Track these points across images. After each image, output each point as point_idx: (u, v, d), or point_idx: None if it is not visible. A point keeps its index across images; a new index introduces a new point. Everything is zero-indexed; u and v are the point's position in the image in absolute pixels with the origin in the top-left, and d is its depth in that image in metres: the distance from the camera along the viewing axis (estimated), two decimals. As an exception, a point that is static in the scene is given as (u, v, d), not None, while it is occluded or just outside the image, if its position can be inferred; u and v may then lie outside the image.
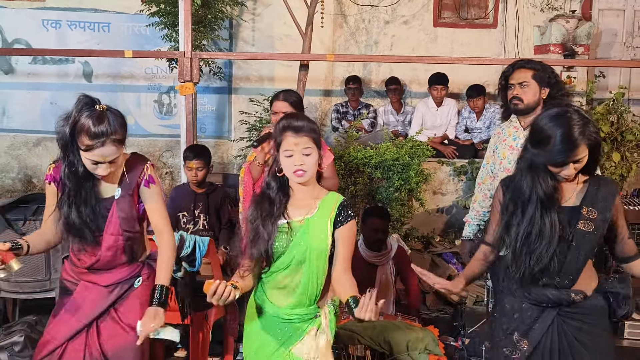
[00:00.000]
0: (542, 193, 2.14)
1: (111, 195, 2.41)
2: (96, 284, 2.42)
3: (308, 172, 2.23)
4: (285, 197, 2.29)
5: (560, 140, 2.05)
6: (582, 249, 2.14)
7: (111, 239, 2.39)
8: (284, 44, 6.65)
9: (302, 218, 2.25)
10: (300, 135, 2.22)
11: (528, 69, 3.17)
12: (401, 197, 5.08)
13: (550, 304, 2.17)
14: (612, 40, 6.93)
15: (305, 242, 2.22)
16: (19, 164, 6.77)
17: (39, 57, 6.72)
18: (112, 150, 2.26)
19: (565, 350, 2.16)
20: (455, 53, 6.69)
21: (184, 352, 4.06)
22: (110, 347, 2.39)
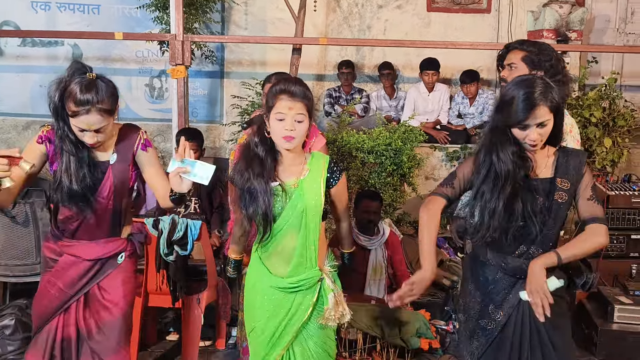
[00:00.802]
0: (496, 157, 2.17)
1: (106, 160, 2.39)
2: (79, 257, 2.41)
3: (297, 139, 2.22)
4: (273, 160, 2.27)
5: (522, 99, 2.10)
6: (557, 220, 2.20)
7: (101, 203, 2.37)
8: (276, 28, 6.59)
9: (295, 181, 2.27)
10: (296, 100, 2.20)
11: (520, 50, 3.11)
12: (393, 182, 5.08)
13: (523, 276, 2.19)
14: (605, 26, 6.93)
15: (301, 203, 2.24)
16: (8, 148, 6.69)
17: (28, 40, 6.63)
18: (98, 119, 2.24)
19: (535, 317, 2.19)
20: (448, 38, 6.66)
21: (176, 336, 4.06)
22: (93, 323, 2.41)
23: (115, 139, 2.41)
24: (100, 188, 2.36)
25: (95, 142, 2.29)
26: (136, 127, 2.50)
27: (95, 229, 2.41)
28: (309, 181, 2.27)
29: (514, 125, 2.14)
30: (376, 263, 4.38)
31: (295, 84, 2.24)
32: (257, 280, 2.36)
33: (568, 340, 2.30)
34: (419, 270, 2.25)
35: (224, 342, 3.97)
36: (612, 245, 4.38)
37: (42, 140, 2.36)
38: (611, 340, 3.83)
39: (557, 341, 2.23)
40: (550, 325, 2.21)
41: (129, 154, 2.41)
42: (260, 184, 2.21)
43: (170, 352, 3.89)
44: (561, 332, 2.26)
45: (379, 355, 3.79)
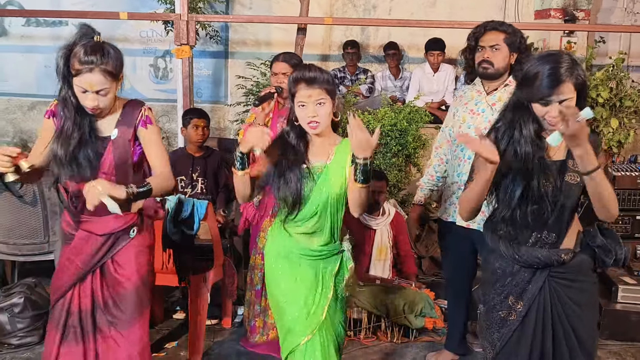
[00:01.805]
0: (518, 133, 2.14)
1: (107, 135, 2.40)
2: (92, 233, 2.45)
3: (322, 124, 2.28)
4: (304, 144, 2.35)
5: (547, 74, 2.04)
6: (568, 201, 2.16)
7: (104, 177, 2.37)
8: (281, 7, 6.55)
9: (322, 165, 2.33)
10: (314, 87, 2.25)
11: (500, 31, 3.07)
12: (399, 163, 5.07)
13: (540, 265, 2.18)
14: (612, 5, 6.85)
15: (326, 188, 2.31)
16: (14, 128, 6.72)
17: (33, 19, 6.62)
18: (100, 80, 2.26)
19: (557, 307, 2.19)
20: (454, 18, 6.59)
21: (182, 315, 4.11)
22: (109, 296, 2.46)
23: (119, 115, 2.42)
24: (101, 163, 2.39)
25: (95, 105, 2.29)
26: (140, 103, 2.50)
27: (102, 206, 2.39)
28: (334, 166, 2.32)
29: (536, 101, 2.08)
30: (381, 243, 4.40)
31: (310, 71, 2.28)
32: (281, 249, 2.40)
33: (592, 332, 2.25)
34: None
35: (230, 320, 4.01)
36: (617, 225, 4.38)
37: (49, 115, 2.40)
38: (615, 320, 3.85)
39: (581, 334, 2.19)
40: (575, 316, 2.18)
41: (130, 130, 2.42)
42: (293, 170, 2.29)
43: (177, 330, 3.94)
44: (586, 323, 2.21)
45: (383, 334, 3.83)
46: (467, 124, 3.18)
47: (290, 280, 2.36)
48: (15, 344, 3.58)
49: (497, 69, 3.08)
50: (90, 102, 2.28)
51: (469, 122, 3.18)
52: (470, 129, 3.14)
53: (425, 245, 5.21)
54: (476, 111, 3.17)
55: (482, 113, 3.15)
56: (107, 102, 2.33)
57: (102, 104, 2.32)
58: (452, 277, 3.47)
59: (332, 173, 2.31)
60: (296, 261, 2.36)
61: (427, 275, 5.06)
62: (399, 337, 3.79)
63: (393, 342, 3.78)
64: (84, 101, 2.29)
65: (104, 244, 2.45)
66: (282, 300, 2.38)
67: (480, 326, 2.42)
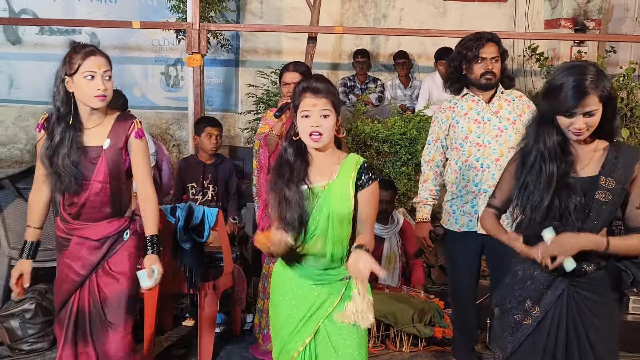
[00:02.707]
0: (543, 145, 2.12)
1: (99, 145, 2.51)
2: (87, 238, 2.54)
3: (324, 136, 2.17)
4: (303, 162, 2.24)
5: (572, 86, 2.01)
6: (599, 219, 2.10)
7: (98, 186, 2.50)
8: (292, 16, 6.59)
9: (325, 183, 2.21)
10: (319, 96, 2.17)
11: (495, 42, 3.18)
12: (408, 172, 5.08)
13: (562, 273, 2.14)
14: (623, 15, 6.83)
15: (327, 207, 2.19)
16: (27, 135, 6.78)
17: (46, 28, 6.70)
18: (104, 62, 2.45)
19: (574, 317, 2.16)
20: (464, 27, 6.59)
21: (191, 322, 4.12)
22: (104, 296, 2.56)
23: (111, 127, 2.54)
24: (95, 172, 2.49)
25: (104, 90, 2.43)
26: (131, 115, 2.64)
27: (98, 211, 2.54)
28: (337, 184, 2.21)
29: (561, 113, 2.06)
30: (390, 252, 4.40)
31: (317, 81, 2.22)
32: (287, 270, 2.32)
33: (611, 347, 2.21)
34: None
35: (239, 328, 4.02)
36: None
37: (40, 128, 2.53)
38: (626, 331, 3.81)
39: (599, 348, 2.15)
40: (593, 328, 2.15)
41: (121, 139, 2.53)
42: (291, 189, 2.19)
43: (186, 337, 3.95)
44: (605, 337, 2.17)
45: (392, 343, 3.82)
46: (475, 134, 3.20)
47: (295, 294, 2.29)
48: (26, 349, 3.60)
49: (497, 79, 3.20)
50: (101, 84, 2.42)
51: (476, 132, 3.19)
52: (480, 138, 3.18)
53: (435, 254, 5.20)
54: (481, 120, 3.19)
55: (488, 122, 3.19)
56: (111, 90, 2.48)
57: (109, 91, 2.47)
58: (457, 287, 3.45)
59: (334, 192, 2.20)
60: (305, 281, 2.27)
61: (436, 284, 5.04)
62: (407, 346, 3.79)
63: (402, 351, 3.77)
64: (92, 89, 2.42)
65: (100, 248, 2.56)
66: (284, 310, 2.31)
67: (494, 330, 2.40)
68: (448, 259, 3.53)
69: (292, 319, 2.27)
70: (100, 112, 2.52)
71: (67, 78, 2.44)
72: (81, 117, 2.50)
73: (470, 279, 3.36)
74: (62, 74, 2.45)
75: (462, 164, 3.26)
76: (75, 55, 2.43)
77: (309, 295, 2.26)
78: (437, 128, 3.36)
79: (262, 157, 3.46)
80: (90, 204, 2.52)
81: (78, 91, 2.44)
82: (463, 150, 3.23)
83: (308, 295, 2.26)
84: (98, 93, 2.42)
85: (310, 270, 2.27)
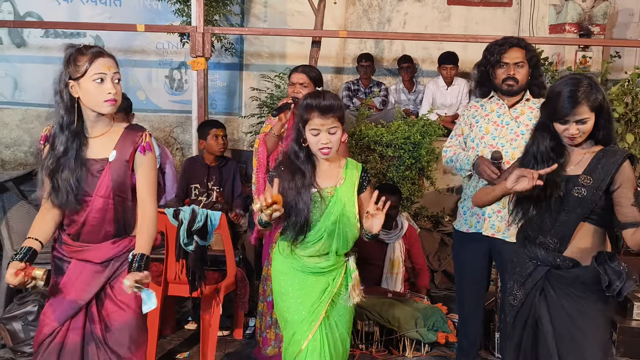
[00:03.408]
0: (536, 148, 2.38)
1: (105, 157, 2.32)
2: (89, 261, 2.33)
3: (333, 150, 2.38)
4: (312, 167, 2.41)
5: (566, 97, 2.26)
6: (572, 212, 2.30)
7: (100, 202, 2.30)
8: (296, 20, 6.60)
9: (332, 188, 2.41)
10: (327, 116, 2.33)
11: (521, 47, 3.14)
12: (412, 176, 5.06)
13: (539, 262, 2.38)
14: (628, 20, 6.82)
15: (336, 211, 2.38)
16: (31, 138, 6.80)
17: (51, 31, 6.71)
18: (112, 63, 2.27)
19: (546, 307, 2.36)
20: (468, 31, 6.61)
21: (194, 325, 4.11)
22: (107, 324, 2.34)
23: (118, 137, 2.35)
24: (97, 186, 2.30)
25: (115, 93, 2.25)
26: (141, 128, 2.43)
27: (100, 230, 2.33)
28: (345, 190, 2.42)
29: (557, 120, 2.31)
30: (394, 257, 4.39)
31: (324, 99, 2.35)
32: (286, 266, 2.47)
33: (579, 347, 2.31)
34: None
35: (241, 332, 4.01)
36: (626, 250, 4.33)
37: (44, 142, 2.35)
38: (630, 337, 3.80)
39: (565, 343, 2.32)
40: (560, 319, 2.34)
41: (128, 152, 2.33)
42: (305, 194, 2.35)
43: (188, 341, 3.94)
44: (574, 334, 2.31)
45: (395, 347, 3.81)
46: (491, 135, 3.21)
47: (297, 289, 2.44)
48: (29, 352, 3.60)
49: (520, 85, 3.16)
50: (112, 87, 2.24)
51: (493, 134, 3.20)
52: (495, 140, 3.18)
53: (438, 259, 5.19)
54: (500, 123, 3.20)
55: (506, 126, 3.19)
56: (120, 94, 2.30)
57: (119, 95, 2.28)
58: (465, 290, 3.43)
59: (342, 196, 2.41)
60: (304, 276, 2.44)
61: (439, 289, 5.03)
62: (410, 351, 3.77)
63: (405, 356, 3.76)
64: (102, 93, 2.23)
65: (102, 272, 2.33)
66: (290, 306, 2.43)
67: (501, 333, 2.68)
68: (456, 260, 3.52)
69: (304, 306, 2.42)
70: (106, 120, 2.33)
71: (72, 82, 2.24)
72: (86, 125, 2.31)
73: (478, 282, 3.35)
74: (65, 78, 2.25)
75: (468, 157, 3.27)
76: (82, 57, 2.23)
77: (316, 284, 2.43)
78: (462, 124, 3.40)
79: (260, 155, 3.47)
80: (91, 221, 2.31)
81: (85, 96, 2.24)
82: (477, 151, 3.23)
83: (315, 284, 2.43)
84: (109, 97, 2.24)
85: (311, 265, 2.44)
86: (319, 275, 2.44)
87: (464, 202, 3.37)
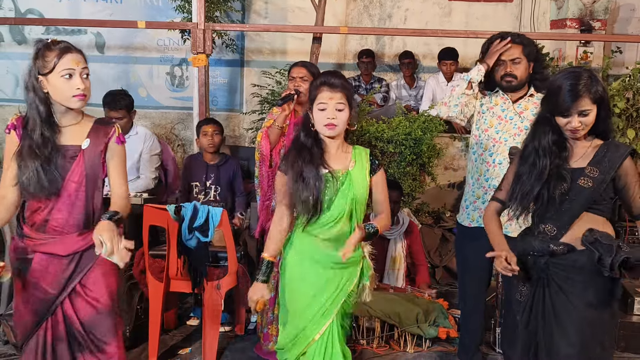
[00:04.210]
0: (538, 143, 2.38)
1: (77, 144, 2.36)
2: (54, 254, 2.33)
3: (339, 127, 2.39)
4: (320, 149, 2.44)
5: (567, 90, 2.27)
6: (576, 202, 2.33)
7: (73, 187, 2.33)
8: (296, 17, 6.59)
9: (345, 170, 2.43)
10: (336, 90, 2.38)
11: (518, 44, 3.14)
12: (413, 172, 5.07)
13: (536, 253, 2.39)
14: (629, 15, 6.81)
15: (352, 192, 2.41)
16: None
17: (52, 28, 6.71)
18: (80, 58, 2.29)
19: (549, 295, 2.37)
20: (469, 27, 6.60)
21: (196, 321, 4.12)
22: (82, 318, 2.38)
23: (90, 128, 2.40)
24: (71, 171, 2.33)
25: (84, 88, 2.28)
26: (112, 121, 2.51)
27: (67, 220, 2.34)
28: (357, 172, 2.44)
29: (558, 113, 2.32)
30: (395, 253, 4.40)
31: (334, 77, 2.42)
32: (304, 257, 2.46)
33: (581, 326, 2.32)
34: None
35: (243, 327, 4.02)
36: (632, 237, 4.34)
37: (10, 129, 2.35)
38: (631, 332, 3.81)
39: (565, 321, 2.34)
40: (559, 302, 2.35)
41: (101, 142, 2.38)
42: (311, 171, 2.37)
43: (190, 336, 3.96)
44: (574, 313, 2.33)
45: (396, 343, 3.82)
46: (494, 129, 3.22)
47: (318, 276, 2.43)
48: (31, 348, 3.62)
49: (520, 81, 3.17)
50: (80, 83, 2.27)
51: (497, 128, 3.22)
52: (499, 134, 3.21)
53: (439, 255, 5.20)
54: (504, 118, 3.22)
55: (510, 120, 3.21)
56: (89, 89, 2.32)
57: (88, 90, 2.31)
58: (467, 284, 3.45)
59: (355, 178, 2.43)
60: (325, 265, 2.43)
61: (440, 284, 5.04)
62: (412, 346, 3.78)
63: (406, 352, 3.77)
64: (70, 89, 2.26)
65: (68, 265, 2.34)
66: (308, 293, 2.43)
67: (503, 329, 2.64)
68: (458, 254, 3.53)
69: (316, 304, 2.42)
70: (76, 111, 2.37)
71: (42, 77, 2.26)
72: (55, 115, 2.34)
73: (480, 276, 3.36)
74: (35, 73, 2.27)
75: (478, 157, 3.30)
76: (50, 53, 2.25)
77: (333, 278, 2.43)
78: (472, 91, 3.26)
79: (263, 148, 3.47)
80: (59, 207, 2.32)
81: (54, 91, 2.28)
82: (481, 143, 3.26)
83: (332, 278, 2.43)
84: (77, 92, 2.27)
85: (328, 256, 2.42)
86: (337, 269, 2.43)
87: (465, 196, 3.38)
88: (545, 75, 3.21)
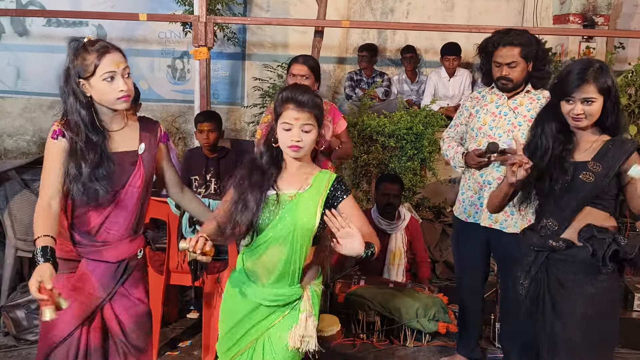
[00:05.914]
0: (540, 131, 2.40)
1: (133, 150, 2.32)
2: (103, 261, 2.28)
3: (304, 149, 2.13)
4: (276, 169, 2.19)
5: (575, 75, 2.28)
6: (577, 197, 2.32)
7: (134, 193, 2.29)
8: (298, 10, 6.57)
9: (294, 193, 2.16)
10: (303, 110, 2.10)
11: (515, 45, 3.08)
12: (414, 167, 5.07)
13: (536, 248, 2.41)
14: (632, 11, 6.78)
15: (291, 217, 2.13)
16: (33, 127, 6.80)
17: (53, 20, 6.70)
18: (122, 58, 2.20)
19: (549, 290, 2.38)
20: (472, 22, 6.58)
21: (196, 314, 4.13)
22: (125, 320, 2.33)
23: (139, 131, 2.36)
24: (132, 177, 2.28)
25: (127, 90, 2.20)
26: (155, 120, 2.49)
27: (123, 226, 2.30)
28: (307, 197, 2.16)
29: (563, 98, 2.31)
30: (395, 248, 4.40)
31: (302, 93, 2.13)
32: (240, 287, 2.27)
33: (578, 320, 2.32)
34: None
35: (243, 321, 4.03)
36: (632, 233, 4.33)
37: (58, 135, 2.21)
38: (631, 328, 3.81)
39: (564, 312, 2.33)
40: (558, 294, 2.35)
41: (154, 145, 2.38)
42: (254, 194, 2.13)
43: (190, 329, 3.97)
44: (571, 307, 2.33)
45: (396, 337, 3.82)
46: (488, 125, 3.22)
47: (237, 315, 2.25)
48: (32, 339, 3.62)
49: (516, 83, 3.16)
50: (123, 84, 2.18)
51: (490, 124, 3.21)
52: (492, 130, 3.19)
53: (440, 250, 5.20)
54: (498, 114, 3.20)
55: (504, 116, 3.19)
56: (132, 88, 2.25)
57: (131, 89, 2.23)
58: (465, 278, 3.46)
59: (302, 203, 2.15)
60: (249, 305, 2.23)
61: (441, 279, 5.04)
62: (411, 341, 3.79)
63: (405, 346, 3.77)
64: (114, 91, 2.18)
65: (117, 269, 2.31)
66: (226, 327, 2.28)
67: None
68: (455, 249, 3.53)
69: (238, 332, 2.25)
70: (121, 113, 2.30)
71: (83, 81, 2.18)
72: (103, 120, 2.26)
73: (476, 271, 3.37)
74: (75, 77, 2.18)
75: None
76: (88, 56, 2.15)
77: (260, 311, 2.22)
78: (460, 115, 3.42)
79: None
80: (117, 213, 2.27)
81: (98, 95, 2.20)
82: (476, 140, 3.25)
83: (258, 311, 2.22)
84: (121, 94, 2.19)
85: (264, 290, 2.21)
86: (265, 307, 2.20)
87: (462, 189, 3.38)
88: (544, 73, 3.19)
